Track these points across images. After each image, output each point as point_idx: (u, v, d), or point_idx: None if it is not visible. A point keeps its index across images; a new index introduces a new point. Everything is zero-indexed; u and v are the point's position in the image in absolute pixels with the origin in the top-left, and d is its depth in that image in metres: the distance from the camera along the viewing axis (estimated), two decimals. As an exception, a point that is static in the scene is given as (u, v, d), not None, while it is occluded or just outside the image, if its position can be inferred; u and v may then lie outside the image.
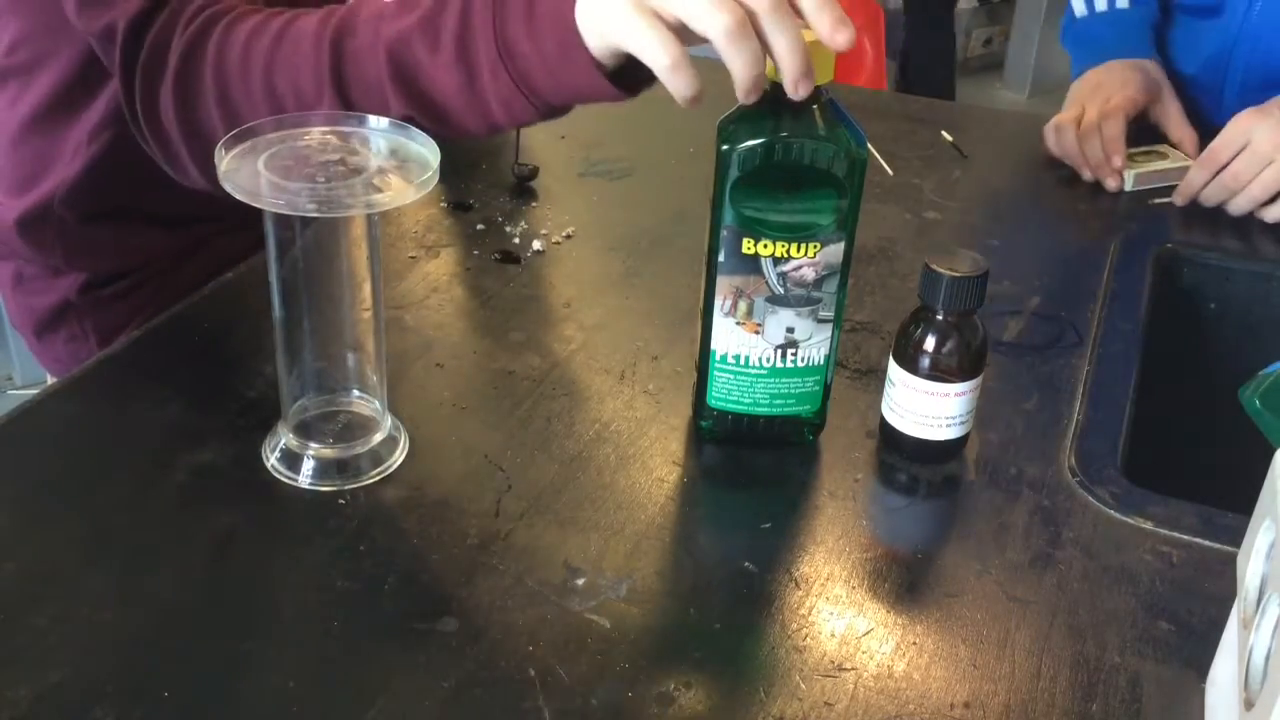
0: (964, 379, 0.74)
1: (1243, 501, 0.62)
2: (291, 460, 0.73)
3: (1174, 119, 1.25)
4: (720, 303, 0.72)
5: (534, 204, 1.09)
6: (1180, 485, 0.77)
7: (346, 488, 0.72)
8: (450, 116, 0.75)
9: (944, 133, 1.25)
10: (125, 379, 0.82)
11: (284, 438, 0.74)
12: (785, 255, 0.70)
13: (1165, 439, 0.93)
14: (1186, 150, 1.21)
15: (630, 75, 0.71)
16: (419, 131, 0.69)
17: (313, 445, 0.73)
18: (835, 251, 0.71)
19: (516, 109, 0.73)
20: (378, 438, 0.74)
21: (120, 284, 1.04)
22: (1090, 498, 0.74)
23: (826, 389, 0.76)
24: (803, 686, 0.61)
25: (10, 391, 2.03)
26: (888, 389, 0.77)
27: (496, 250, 1.00)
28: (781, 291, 0.71)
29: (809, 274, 0.71)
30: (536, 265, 0.99)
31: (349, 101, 0.75)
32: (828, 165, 0.68)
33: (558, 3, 0.69)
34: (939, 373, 0.74)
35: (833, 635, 0.64)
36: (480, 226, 1.04)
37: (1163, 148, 1.22)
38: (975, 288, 0.72)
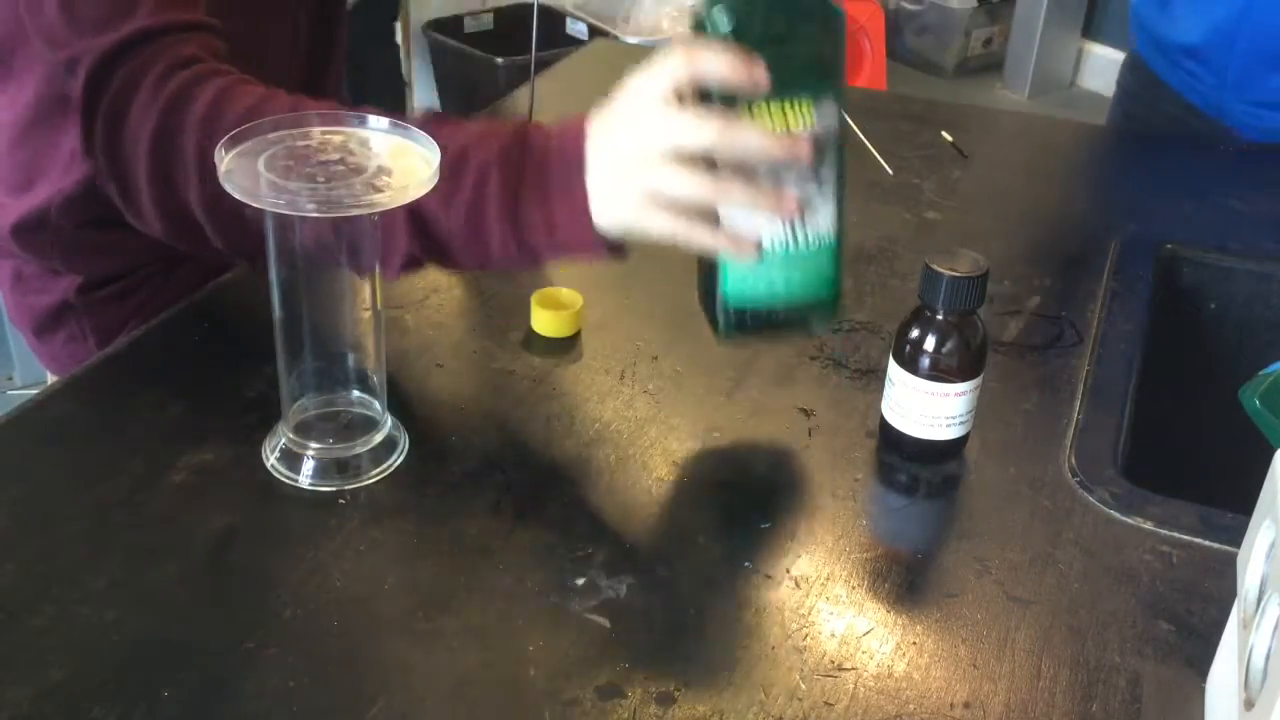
0: (964, 379, 0.74)
1: (1243, 501, 0.62)
2: (291, 460, 0.73)
3: None
4: None
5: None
6: (1180, 485, 0.77)
7: (346, 488, 0.72)
8: (451, 257, 0.76)
9: (944, 133, 1.25)
10: (125, 379, 0.82)
11: (284, 438, 0.74)
12: (783, 128, 0.69)
13: (1165, 439, 0.93)
14: None
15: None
16: (419, 131, 0.69)
17: (313, 445, 0.73)
18: (829, 113, 0.70)
19: (512, 262, 0.75)
20: (378, 438, 0.74)
21: (119, 284, 1.04)
22: (1090, 498, 0.74)
23: (838, 271, 0.75)
24: (803, 686, 0.61)
25: (10, 391, 2.03)
26: (888, 389, 0.77)
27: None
28: None
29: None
30: (536, 265, 0.98)
31: None
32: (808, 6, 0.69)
33: (568, 179, 0.70)
34: (939, 373, 0.74)
35: (833, 635, 0.64)
36: (480, 226, 1.04)
37: None
38: (975, 288, 0.72)
